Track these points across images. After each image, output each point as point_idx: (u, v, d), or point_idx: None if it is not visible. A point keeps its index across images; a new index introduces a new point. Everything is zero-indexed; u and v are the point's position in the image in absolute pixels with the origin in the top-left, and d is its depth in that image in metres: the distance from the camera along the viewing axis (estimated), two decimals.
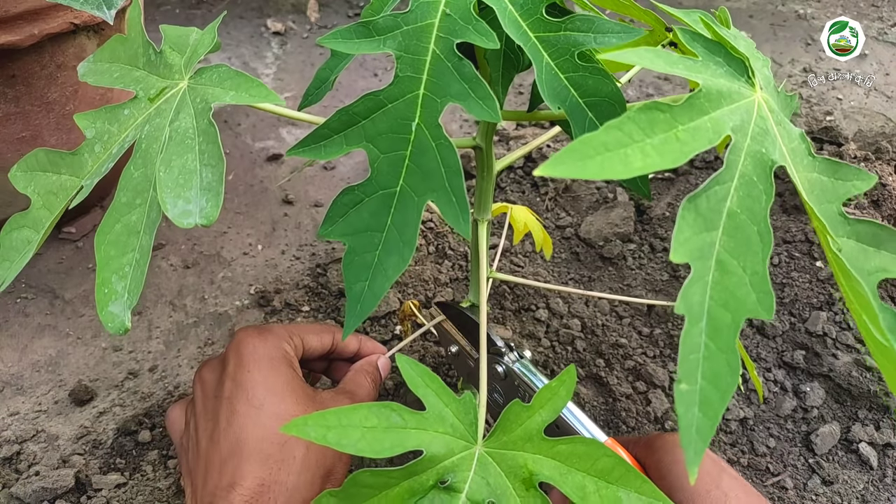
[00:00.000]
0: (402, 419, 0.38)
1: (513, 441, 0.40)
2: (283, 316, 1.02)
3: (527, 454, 0.40)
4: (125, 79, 0.51)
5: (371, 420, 0.38)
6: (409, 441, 0.38)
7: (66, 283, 1.09)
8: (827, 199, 0.37)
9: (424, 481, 0.38)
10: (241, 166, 1.33)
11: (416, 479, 0.38)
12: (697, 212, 0.32)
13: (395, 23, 0.43)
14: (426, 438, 0.39)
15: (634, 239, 1.14)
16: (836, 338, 0.96)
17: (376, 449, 0.37)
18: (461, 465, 0.39)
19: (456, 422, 0.40)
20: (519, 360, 0.59)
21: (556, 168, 0.29)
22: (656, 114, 0.32)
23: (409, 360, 0.42)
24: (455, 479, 0.38)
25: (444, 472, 0.38)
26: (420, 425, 0.39)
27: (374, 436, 0.37)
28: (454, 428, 0.40)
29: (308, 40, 1.69)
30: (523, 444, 0.40)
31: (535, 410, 0.42)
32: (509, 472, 0.39)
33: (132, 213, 0.45)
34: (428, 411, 0.40)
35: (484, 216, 0.61)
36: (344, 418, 0.37)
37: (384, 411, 0.38)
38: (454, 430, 0.40)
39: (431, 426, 0.39)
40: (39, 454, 0.86)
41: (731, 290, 0.31)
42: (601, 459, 0.39)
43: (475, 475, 0.39)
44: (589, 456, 0.40)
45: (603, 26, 0.42)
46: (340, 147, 0.43)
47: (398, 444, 0.37)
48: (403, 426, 0.38)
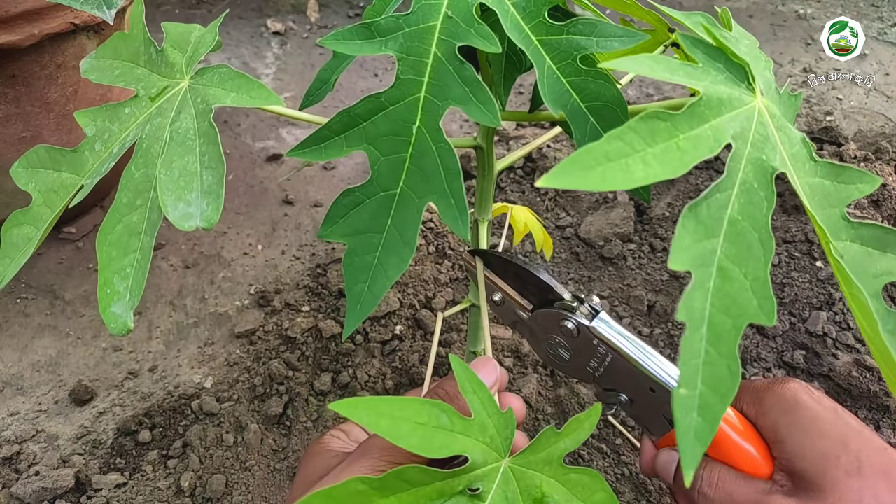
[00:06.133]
0: (451, 422, 0.39)
1: (536, 462, 0.41)
2: (284, 316, 1.02)
3: (544, 476, 0.41)
4: (126, 77, 0.51)
5: (422, 416, 0.38)
6: (456, 445, 0.38)
7: (66, 283, 1.09)
8: (829, 203, 0.37)
9: (455, 485, 0.38)
10: (242, 166, 1.32)
11: (448, 482, 0.38)
12: (698, 219, 0.32)
13: (397, 24, 0.43)
14: (469, 445, 0.39)
15: (634, 239, 1.14)
16: (836, 338, 0.96)
17: (427, 447, 0.37)
18: (490, 475, 0.40)
19: (495, 434, 0.41)
20: (597, 316, 0.52)
21: (558, 179, 0.29)
22: (657, 123, 0.32)
23: (461, 363, 0.42)
24: (483, 489, 0.39)
25: (476, 479, 0.39)
26: (465, 431, 0.39)
27: (425, 433, 0.37)
28: (492, 439, 0.40)
29: (308, 40, 1.69)
30: (543, 467, 0.41)
31: (562, 437, 0.43)
32: (524, 490, 0.40)
33: (133, 213, 0.45)
34: (474, 419, 0.40)
35: (484, 216, 0.61)
36: (397, 409, 0.37)
37: (434, 410, 0.38)
38: (492, 441, 0.40)
39: (475, 434, 0.40)
40: (39, 454, 0.86)
41: (732, 296, 0.31)
42: (597, 493, 0.41)
43: (498, 487, 0.40)
44: (589, 487, 0.41)
45: (605, 30, 0.42)
46: (341, 149, 0.43)
47: (446, 445, 0.38)
48: (451, 429, 0.39)
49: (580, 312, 0.52)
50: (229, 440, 0.86)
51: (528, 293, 0.56)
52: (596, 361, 0.52)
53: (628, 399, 0.51)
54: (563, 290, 0.54)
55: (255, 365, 0.96)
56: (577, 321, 0.52)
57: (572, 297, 0.53)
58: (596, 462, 0.85)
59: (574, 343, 0.53)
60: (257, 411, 0.90)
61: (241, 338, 1.01)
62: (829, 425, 0.42)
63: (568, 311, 0.53)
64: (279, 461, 0.85)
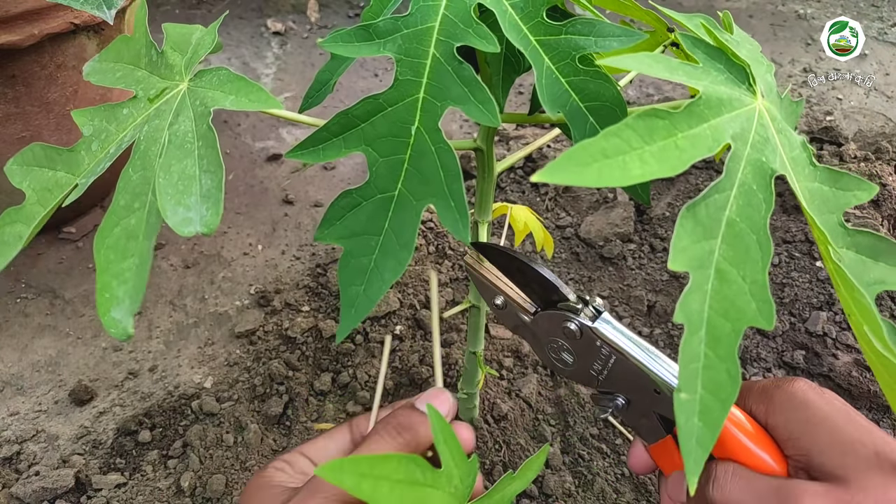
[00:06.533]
0: (423, 476, 0.40)
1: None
2: (284, 316, 1.02)
3: None
4: (127, 79, 0.50)
5: (399, 473, 0.38)
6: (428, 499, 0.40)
7: (66, 283, 1.09)
8: (828, 209, 0.37)
9: None
10: (241, 167, 1.32)
11: None
12: (696, 220, 0.31)
13: (396, 26, 0.43)
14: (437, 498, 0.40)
15: (634, 239, 1.14)
16: (836, 338, 0.96)
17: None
18: None
19: (459, 483, 0.42)
20: (599, 317, 0.51)
21: (553, 174, 0.29)
22: (655, 121, 0.32)
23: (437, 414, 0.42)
24: None
25: None
26: (435, 483, 0.40)
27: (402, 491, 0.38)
28: (457, 489, 0.42)
29: (308, 40, 1.68)
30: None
31: (515, 480, 0.45)
32: None
33: (131, 216, 0.44)
34: (443, 469, 0.41)
35: (484, 217, 0.61)
36: (377, 468, 0.38)
37: (410, 466, 0.39)
38: (456, 490, 0.42)
39: (443, 485, 0.41)
40: (39, 454, 0.86)
41: (730, 299, 0.31)
42: None
43: None
44: None
45: (604, 29, 0.41)
46: (339, 150, 0.43)
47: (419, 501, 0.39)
48: (424, 483, 0.40)
49: (583, 314, 0.51)
50: (229, 440, 0.86)
51: (532, 293, 0.55)
52: (599, 364, 0.51)
53: (625, 402, 0.50)
54: (568, 291, 0.53)
55: (255, 365, 0.96)
56: (579, 322, 0.51)
57: (577, 297, 0.52)
58: (596, 462, 0.85)
59: (577, 345, 0.52)
60: (257, 411, 0.90)
61: (241, 338, 1.01)
62: (844, 421, 0.41)
63: (571, 312, 0.51)
64: None
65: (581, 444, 0.87)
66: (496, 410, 0.87)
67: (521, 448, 0.86)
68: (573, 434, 0.88)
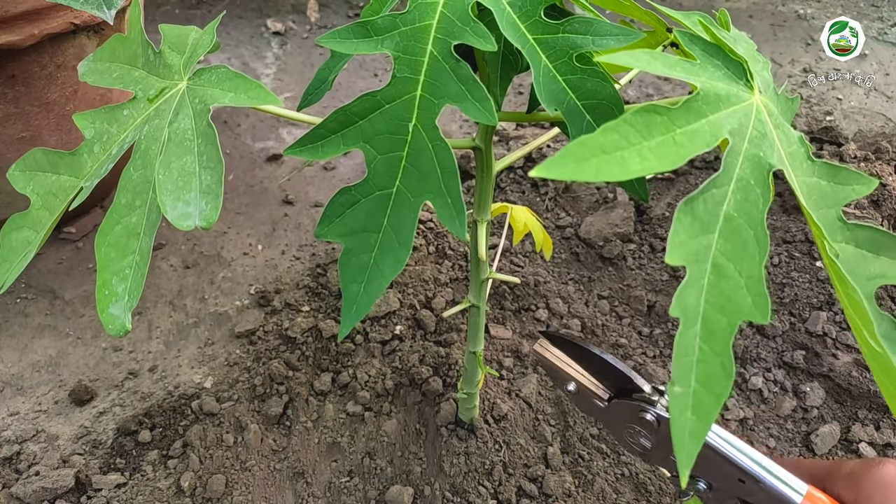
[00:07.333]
0: None
1: None
2: (284, 316, 1.02)
3: None
4: (124, 79, 0.51)
5: None
6: None
7: (66, 283, 1.09)
8: (826, 203, 0.37)
9: None
10: (241, 167, 1.33)
11: None
12: (694, 215, 0.32)
13: (394, 23, 0.43)
14: None
15: (634, 239, 1.14)
16: (836, 338, 0.96)
17: None
18: None
19: None
20: None
21: (552, 170, 0.29)
22: (653, 116, 0.32)
23: None
24: None
25: None
26: None
27: None
28: None
29: (308, 40, 1.69)
30: None
31: None
32: None
33: (132, 214, 0.45)
34: None
35: (483, 217, 0.61)
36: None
37: None
38: None
39: None
40: (39, 454, 0.86)
41: (726, 293, 0.31)
42: None
43: None
44: None
45: (602, 28, 0.42)
46: (337, 147, 0.43)
47: None
48: None
49: (660, 404, 0.51)
50: (229, 440, 0.86)
51: (604, 380, 0.54)
52: None
53: (706, 486, 0.50)
54: (642, 382, 0.52)
55: (255, 365, 0.96)
56: (656, 413, 0.50)
57: (652, 389, 0.52)
58: (596, 462, 0.85)
59: (655, 433, 0.51)
60: (257, 411, 0.90)
61: (241, 338, 1.01)
62: None
63: (647, 403, 0.51)
64: (279, 461, 0.85)
65: (581, 444, 0.87)
66: (496, 410, 0.88)
67: (521, 448, 0.86)
68: (573, 434, 0.88)
